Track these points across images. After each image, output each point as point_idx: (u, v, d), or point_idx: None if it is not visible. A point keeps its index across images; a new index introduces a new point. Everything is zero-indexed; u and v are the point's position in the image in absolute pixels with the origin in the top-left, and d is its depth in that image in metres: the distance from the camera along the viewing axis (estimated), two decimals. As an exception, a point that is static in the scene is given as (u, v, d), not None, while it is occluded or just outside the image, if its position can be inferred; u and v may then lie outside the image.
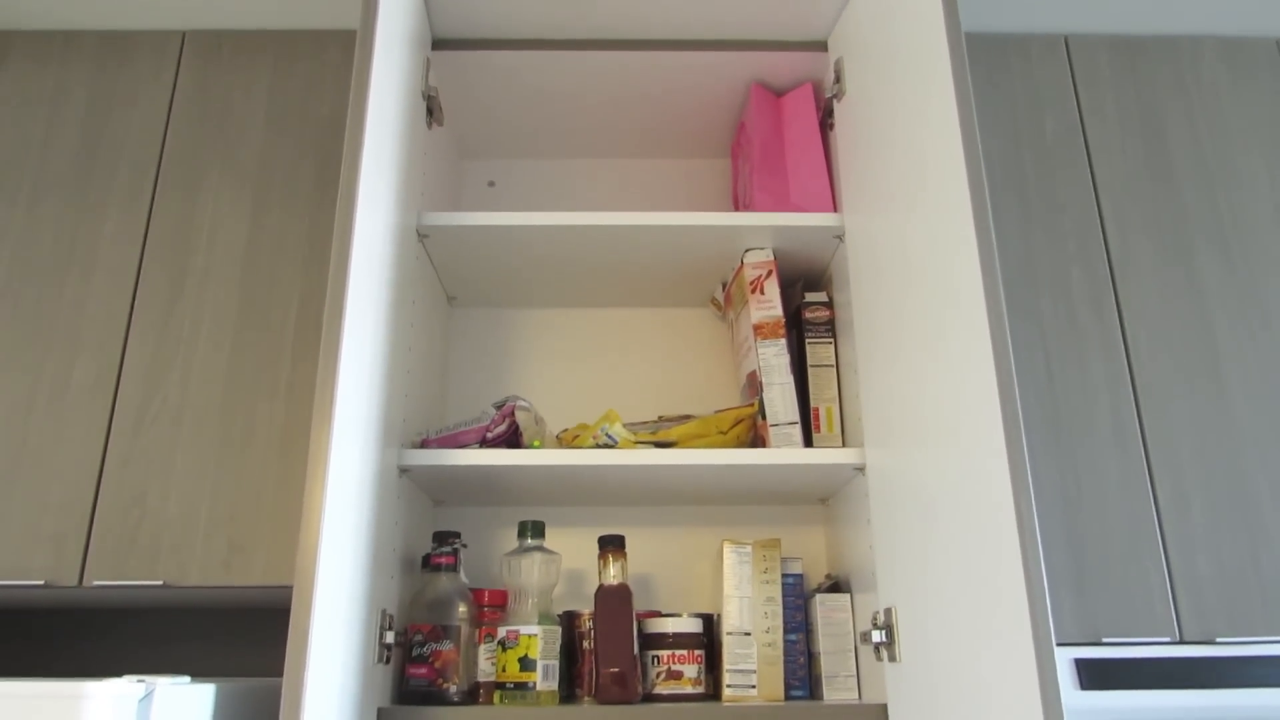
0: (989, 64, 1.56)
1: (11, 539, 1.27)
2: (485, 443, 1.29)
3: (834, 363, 1.40)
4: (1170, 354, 1.39)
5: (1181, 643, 1.23)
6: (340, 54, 1.54)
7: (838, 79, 1.41)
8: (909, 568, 1.10)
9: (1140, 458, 1.33)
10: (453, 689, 1.19)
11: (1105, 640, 1.23)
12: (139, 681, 0.91)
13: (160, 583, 1.24)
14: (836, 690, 1.26)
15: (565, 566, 1.49)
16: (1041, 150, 1.51)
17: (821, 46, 1.48)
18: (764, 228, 1.37)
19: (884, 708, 1.16)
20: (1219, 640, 1.23)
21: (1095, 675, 1.20)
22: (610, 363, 1.62)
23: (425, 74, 1.40)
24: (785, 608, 1.30)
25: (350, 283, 1.01)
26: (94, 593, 1.29)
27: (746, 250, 1.42)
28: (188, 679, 1.00)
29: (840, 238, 1.39)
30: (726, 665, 1.26)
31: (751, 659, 1.26)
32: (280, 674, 1.48)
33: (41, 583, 1.25)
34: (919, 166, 1.11)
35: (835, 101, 1.43)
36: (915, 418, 1.10)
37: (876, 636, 1.17)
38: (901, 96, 1.17)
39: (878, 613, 1.19)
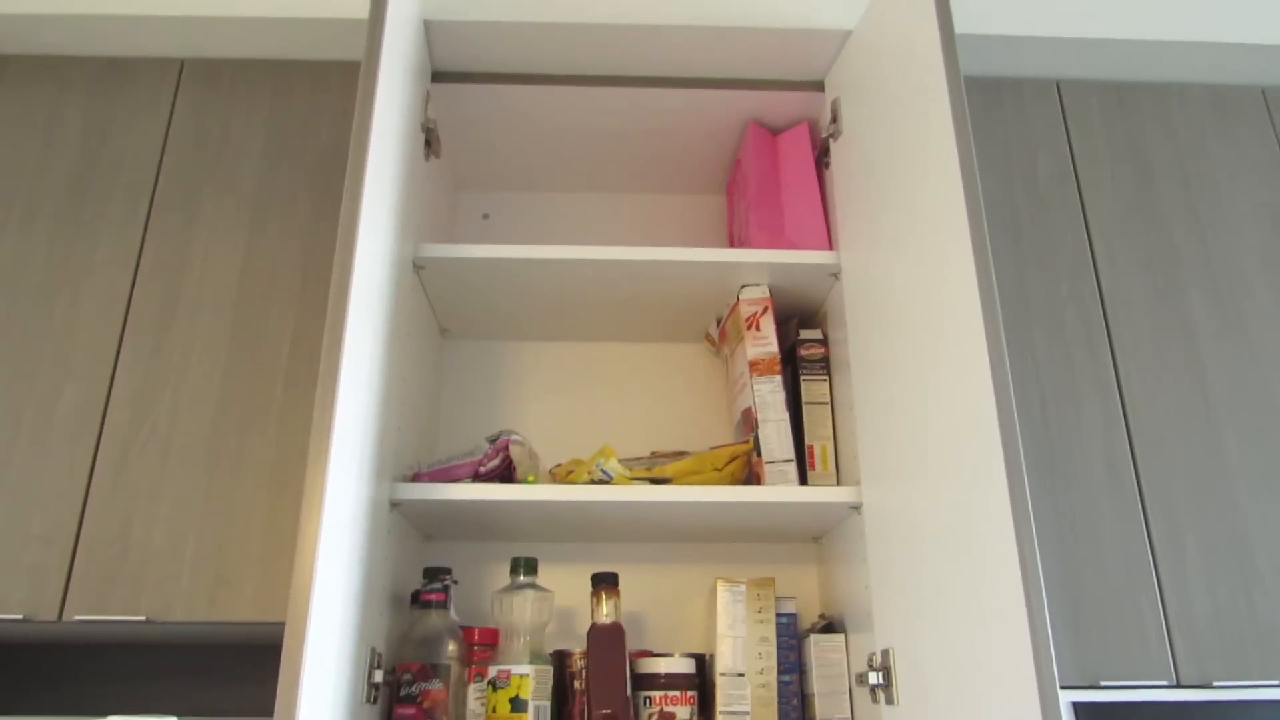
0: (983, 105, 1.58)
1: (-10, 571, 1.24)
2: (478, 477, 1.28)
3: (829, 400, 1.39)
4: (1163, 395, 1.40)
5: (1179, 686, 1.22)
6: (340, 85, 1.54)
7: (834, 119, 1.43)
8: (907, 608, 1.09)
9: (1135, 498, 1.33)
10: (441, 729, 1.17)
11: (1103, 684, 1.22)
12: (124, 721, 0.89)
13: (143, 618, 1.21)
14: (831, 733, 1.24)
15: (556, 604, 1.46)
16: (1034, 191, 1.52)
17: (818, 86, 1.50)
18: (760, 264, 1.38)
19: (881, 751, 1.15)
20: (1216, 684, 1.23)
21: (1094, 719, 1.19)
22: (604, 398, 1.62)
23: (425, 106, 1.41)
24: (779, 648, 1.28)
25: (349, 313, 1.00)
26: (74, 628, 1.26)
27: (742, 287, 1.43)
28: (174, 719, 0.98)
29: (836, 275, 1.39)
30: (720, 707, 1.24)
31: (745, 700, 1.24)
32: (265, 713, 1.44)
33: (20, 616, 1.21)
34: (917, 206, 1.12)
35: (831, 141, 1.44)
36: (913, 456, 1.09)
37: (873, 678, 1.16)
38: (899, 137, 1.18)
39: (874, 654, 1.18)
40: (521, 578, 1.26)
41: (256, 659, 1.48)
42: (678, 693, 1.24)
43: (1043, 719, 0.81)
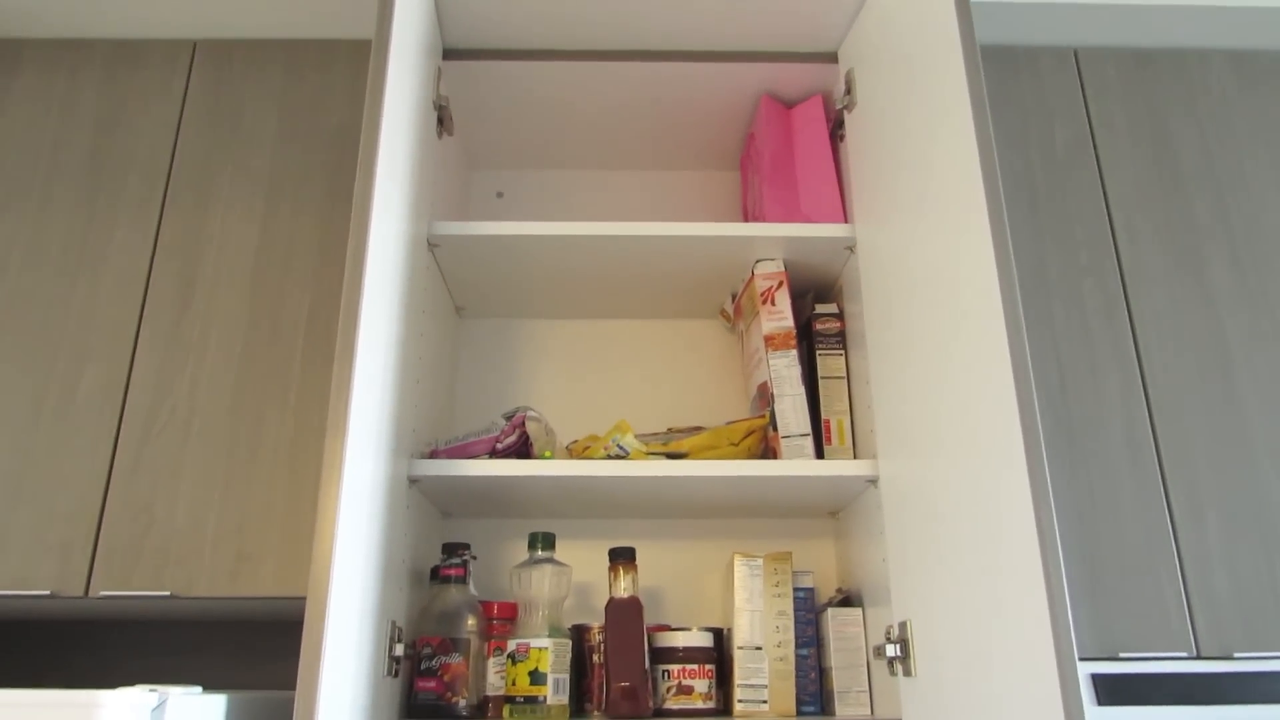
0: (999, 75, 1.56)
1: (17, 548, 1.26)
2: (495, 453, 1.28)
3: (845, 374, 1.39)
4: (1183, 365, 1.38)
5: (1199, 658, 1.22)
6: (350, 64, 1.54)
7: (848, 90, 1.41)
8: (924, 580, 1.09)
9: (1155, 469, 1.32)
10: (461, 703, 1.18)
11: (1122, 655, 1.22)
12: (151, 691, 0.90)
13: (167, 593, 1.23)
14: (849, 706, 1.25)
15: (574, 579, 1.47)
16: (1052, 161, 1.51)
17: (832, 58, 1.48)
18: (775, 238, 1.37)
19: (898, 723, 1.15)
20: (1236, 655, 1.22)
21: (1113, 691, 1.19)
22: (619, 374, 1.62)
23: (436, 83, 1.40)
24: (796, 622, 1.29)
25: (365, 291, 1.00)
26: (100, 603, 1.28)
27: (757, 261, 1.42)
28: (199, 689, 0.99)
29: (851, 248, 1.38)
30: (738, 680, 1.25)
31: (763, 674, 1.25)
32: (288, 687, 1.46)
33: (47, 593, 1.24)
34: (933, 177, 1.11)
35: (846, 113, 1.43)
36: (930, 429, 1.09)
37: (891, 651, 1.16)
38: (915, 108, 1.17)
39: (892, 626, 1.18)
40: (539, 552, 1.27)
41: (278, 634, 1.50)
42: (696, 666, 1.25)
43: (1061, 690, 0.81)
